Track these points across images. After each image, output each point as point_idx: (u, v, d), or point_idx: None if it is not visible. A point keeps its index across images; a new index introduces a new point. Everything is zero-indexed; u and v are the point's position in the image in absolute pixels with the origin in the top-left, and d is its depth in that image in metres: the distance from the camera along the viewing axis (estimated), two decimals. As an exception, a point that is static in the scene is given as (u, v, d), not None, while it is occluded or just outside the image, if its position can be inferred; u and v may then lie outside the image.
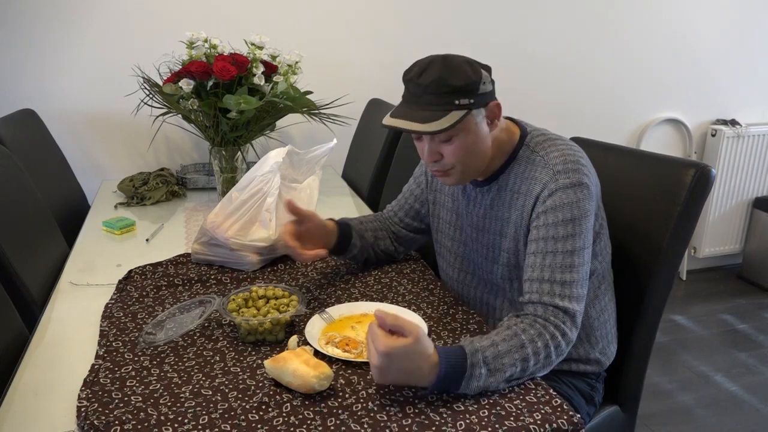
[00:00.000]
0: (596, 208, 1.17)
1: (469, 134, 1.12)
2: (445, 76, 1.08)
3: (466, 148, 1.13)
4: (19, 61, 2.18)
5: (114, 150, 2.35)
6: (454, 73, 1.08)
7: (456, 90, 1.08)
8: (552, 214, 1.11)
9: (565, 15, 2.77)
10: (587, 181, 1.12)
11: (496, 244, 1.23)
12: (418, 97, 1.10)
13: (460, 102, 1.08)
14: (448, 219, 1.35)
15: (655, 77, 3.01)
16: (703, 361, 2.54)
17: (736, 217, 3.32)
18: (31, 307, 1.36)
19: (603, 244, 1.22)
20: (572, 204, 1.10)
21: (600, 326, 1.25)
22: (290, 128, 2.48)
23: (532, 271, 1.11)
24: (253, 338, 1.12)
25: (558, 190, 1.11)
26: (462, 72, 1.09)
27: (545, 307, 1.07)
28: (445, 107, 1.08)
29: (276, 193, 1.47)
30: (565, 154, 1.14)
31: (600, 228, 1.20)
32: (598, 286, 1.24)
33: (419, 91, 1.10)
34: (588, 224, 1.11)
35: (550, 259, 1.10)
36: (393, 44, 2.55)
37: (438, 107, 1.08)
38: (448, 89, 1.08)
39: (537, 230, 1.13)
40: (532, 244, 1.13)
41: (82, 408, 0.92)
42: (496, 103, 1.15)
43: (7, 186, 1.51)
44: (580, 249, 1.10)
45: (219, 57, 1.79)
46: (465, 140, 1.13)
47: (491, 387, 0.96)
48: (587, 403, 1.27)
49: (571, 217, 1.10)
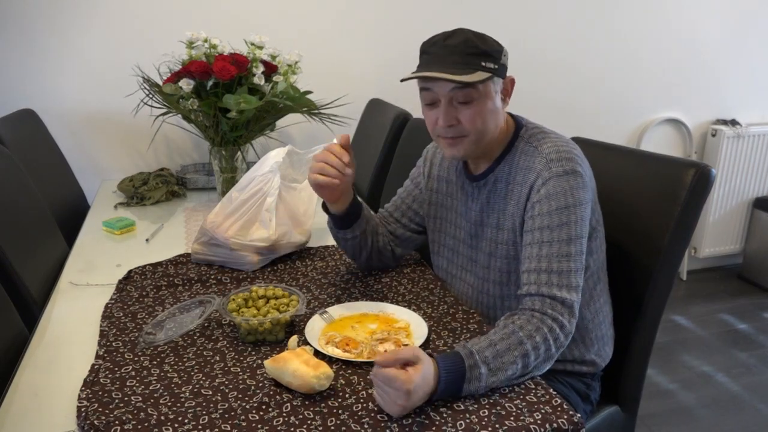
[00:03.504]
0: (592, 203, 1.17)
1: (488, 101, 1.14)
2: (473, 38, 1.11)
3: (483, 114, 1.14)
4: (19, 61, 2.18)
5: (114, 150, 2.35)
6: (481, 38, 1.13)
7: (483, 53, 1.11)
8: (546, 202, 1.11)
9: (565, 15, 2.77)
10: (580, 170, 1.12)
11: (494, 237, 1.23)
12: (443, 58, 1.12)
13: (486, 65, 1.11)
14: (449, 218, 1.35)
15: (655, 77, 3.01)
16: (703, 361, 2.54)
17: (736, 217, 3.32)
18: (31, 307, 1.36)
19: (599, 242, 1.22)
20: (566, 192, 1.10)
21: (595, 328, 1.25)
22: (290, 128, 2.48)
23: (530, 262, 1.11)
24: (253, 338, 1.12)
25: (551, 179, 1.11)
26: (489, 40, 1.13)
27: (543, 299, 1.07)
28: (473, 67, 1.10)
29: (276, 193, 1.47)
30: (559, 145, 1.15)
31: (596, 224, 1.20)
32: (593, 287, 1.23)
33: (445, 52, 1.12)
34: (583, 213, 1.11)
35: (547, 248, 1.10)
36: (393, 44, 2.55)
37: (465, 66, 1.10)
38: (475, 50, 1.11)
39: (532, 220, 1.13)
40: (528, 235, 1.13)
41: (82, 408, 0.92)
42: (511, 79, 1.18)
43: (7, 186, 1.51)
44: (576, 238, 1.10)
45: (219, 57, 1.79)
46: (484, 105, 1.14)
47: (494, 386, 0.96)
48: (583, 401, 1.27)
49: (565, 204, 1.10)
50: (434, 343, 1.12)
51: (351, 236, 1.34)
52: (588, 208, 1.13)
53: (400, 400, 0.88)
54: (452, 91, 1.12)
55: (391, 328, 1.16)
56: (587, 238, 1.14)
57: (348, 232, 1.33)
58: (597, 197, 1.22)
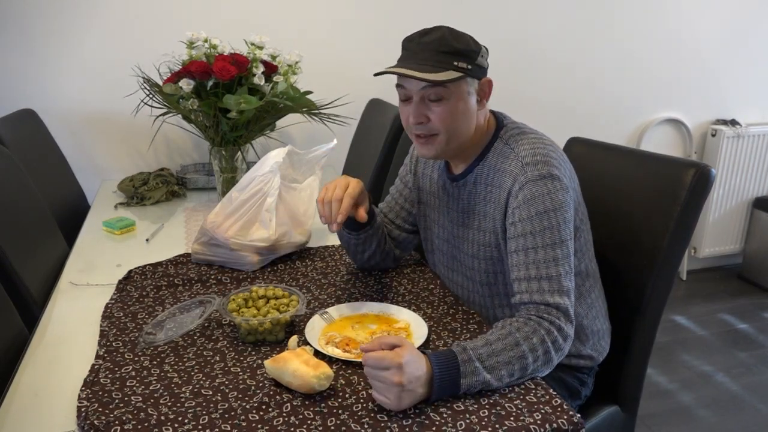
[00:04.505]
0: (575, 203, 1.16)
1: (460, 101, 1.13)
2: (448, 37, 1.11)
3: (454, 114, 1.14)
4: (19, 61, 2.18)
5: (114, 150, 2.35)
6: (456, 37, 1.12)
7: (456, 52, 1.10)
8: (525, 208, 1.10)
9: (565, 15, 2.77)
10: (557, 173, 1.11)
11: (476, 239, 1.23)
12: (416, 54, 1.12)
13: (458, 64, 1.10)
14: (433, 217, 1.35)
15: (656, 77, 3.01)
16: (703, 361, 2.54)
17: (736, 217, 3.32)
18: (31, 307, 1.36)
19: (583, 240, 1.22)
20: (544, 196, 1.10)
21: (589, 323, 1.25)
22: (290, 128, 2.48)
23: (518, 270, 1.11)
24: (253, 338, 1.12)
25: (527, 183, 1.11)
26: (464, 38, 1.12)
27: (537, 306, 1.07)
28: (444, 65, 1.10)
29: (276, 193, 1.47)
30: (535, 147, 1.14)
31: (580, 223, 1.20)
32: (582, 283, 1.23)
33: (419, 48, 1.11)
34: (565, 215, 1.10)
35: (533, 255, 1.09)
36: (393, 44, 2.54)
37: (437, 64, 1.10)
38: (449, 49, 1.10)
39: (514, 227, 1.12)
40: (512, 242, 1.12)
41: (82, 408, 0.92)
42: (489, 80, 1.17)
43: (7, 186, 1.51)
44: (562, 241, 1.09)
45: (219, 57, 1.78)
46: (455, 105, 1.13)
47: (492, 385, 0.96)
48: (571, 396, 1.27)
49: (545, 209, 1.09)
50: (434, 343, 1.12)
51: (364, 236, 1.32)
52: (570, 209, 1.12)
53: (395, 377, 0.88)
54: (423, 89, 1.12)
55: (391, 328, 1.16)
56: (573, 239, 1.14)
57: (362, 234, 1.31)
58: (580, 196, 1.22)
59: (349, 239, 1.34)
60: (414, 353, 0.93)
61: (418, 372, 0.91)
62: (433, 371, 0.92)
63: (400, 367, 0.89)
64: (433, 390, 0.92)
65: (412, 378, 0.90)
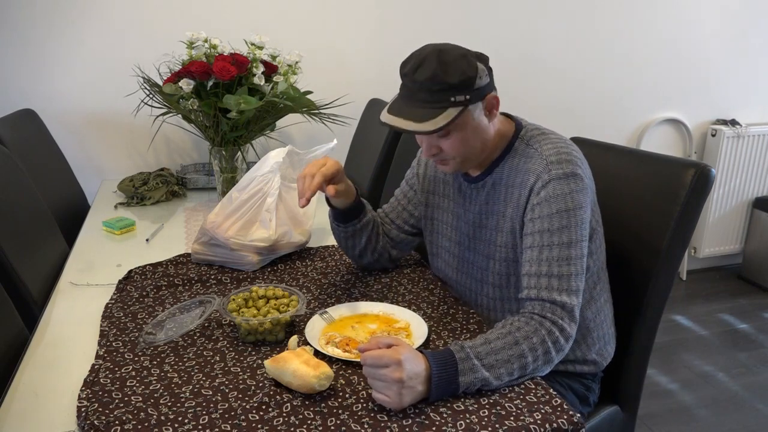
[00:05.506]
0: (592, 204, 1.17)
1: (467, 129, 1.13)
2: (440, 73, 1.07)
3: (464, 141, 1.14)
4: (19, 61, 2.18)
5: (114, 150, 2.35)
6: (449, 69, 1.07)
7: (451, 87, 1.08)
8: (546, 205, 1.11)
9: (565, 16, 2.77)
10: (581, 173, 1.12)
11: (492, 239, 1.23)
12: (413, 93, 1.11)
13: (456, 99, 1.08)
14: (444, 220, 1.34)
15: (655, 77, 3.01)
16: (703, 361, 2.54)
17: (736, 217, 3.32)
18: (31, 307, 1.36)
19: (598, 242, 1.22)
20: (565, 195, 1.10)
21: (596, 327, 1.25)
22: (290, 128, 2.48)
23: (530, 265, 1.11)
24: (253, 338, 1.12)
25: (551, 181, 1.11)
26: (457, 68, 1.08)
27: (543, 303, 1.07)
28: (441, 105, 1.08)
29: (276, 193, 1.47)
30: (559, 146, 1.15)
31: (596, 225, 1.20)
32: (594, 287, 1.23)
33: (415, 88, 1.10)
34: (583, 216, 1.11)
35: (547, 252, 1.10)
36: (393, 44, 2.55)
37: (433, 104, 1.08)
38: (443, 86, 1.07)
39: (532, 223, 1.12)
40: (528, 238, 1.13)
41: (82, 408, 0.92)
42: (494, 96, 1.15)
43: (7, 186, 1.51)
44: (576, 241, 1.09)
45: (219, 57, 1.79)
46: (463, 135, 1.13)
47: (492, 383, 0.96)
48: (581, 402, 1.27)
49: (565, 208, 1.10)
50: (434, 343, 1.12)
51: (351, 230, 1.34)
52: (588, 210, 1.13)
53: (395, 373, 0.89)
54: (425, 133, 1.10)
55: (391, 328, 1.16)
56: (587, 240, 1.14)
57: (349, 226, 1.34)
58: (596, 198, 1.22)
59: (338, 231, 1.37)
60: (412, 351, 0.94)
61: (417, 368, 0.91)
62: (431, 369, 0.92)
63: (399, 363, 0.89)
64: (431, 388, 0.92)
65: (412, 374, 0.90)
